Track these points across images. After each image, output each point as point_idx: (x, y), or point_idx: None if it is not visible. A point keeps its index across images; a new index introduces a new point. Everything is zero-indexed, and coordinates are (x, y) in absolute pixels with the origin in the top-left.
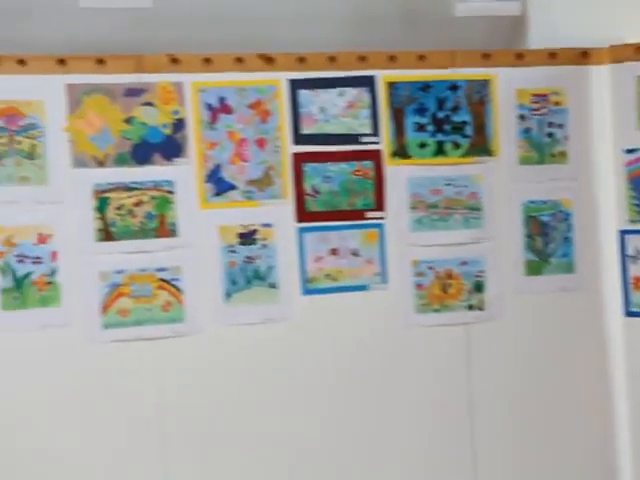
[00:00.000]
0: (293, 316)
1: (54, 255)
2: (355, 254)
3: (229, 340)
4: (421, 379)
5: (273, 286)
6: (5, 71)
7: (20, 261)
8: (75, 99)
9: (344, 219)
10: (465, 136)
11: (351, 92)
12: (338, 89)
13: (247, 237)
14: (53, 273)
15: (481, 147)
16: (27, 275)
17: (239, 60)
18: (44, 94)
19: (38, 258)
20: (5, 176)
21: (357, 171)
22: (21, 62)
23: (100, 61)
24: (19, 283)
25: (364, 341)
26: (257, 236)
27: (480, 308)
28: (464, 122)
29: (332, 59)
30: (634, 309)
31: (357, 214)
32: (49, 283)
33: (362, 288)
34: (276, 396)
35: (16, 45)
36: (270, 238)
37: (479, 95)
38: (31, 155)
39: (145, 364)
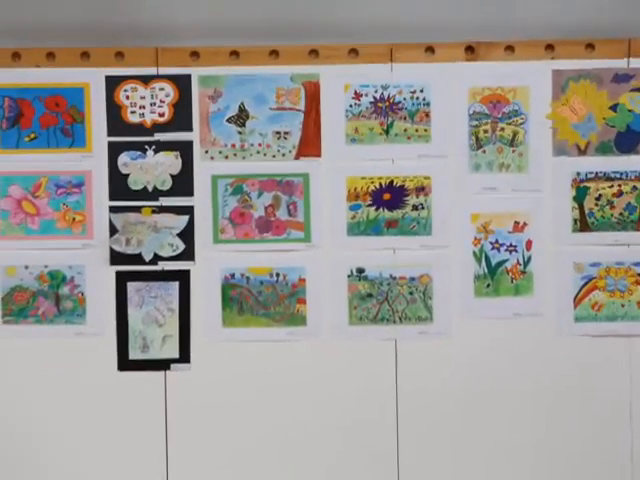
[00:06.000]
0: None
1: (529, 244)
2: None
3: None
4: None
5: None
6: (493, 58)
7: (494, 248)
8: (560, 85)
9: None
10: None
11: None
12: None
13: None
14: (527, 262)
15: None
16: (501, 263)
17: None
18: (530, 80)
19: (513, 246)
20: (486, 163)
21: None
22: (509, 48)
23: (589, 46)
24: (493, 271)
25: None
26: None
27: None
28: None
29: None
30: None
31: None
32: (523, 272)
33: None
34: None
35: (504, 31)
36: None
37: None
38: (512, 142)
39: (616, 360)
